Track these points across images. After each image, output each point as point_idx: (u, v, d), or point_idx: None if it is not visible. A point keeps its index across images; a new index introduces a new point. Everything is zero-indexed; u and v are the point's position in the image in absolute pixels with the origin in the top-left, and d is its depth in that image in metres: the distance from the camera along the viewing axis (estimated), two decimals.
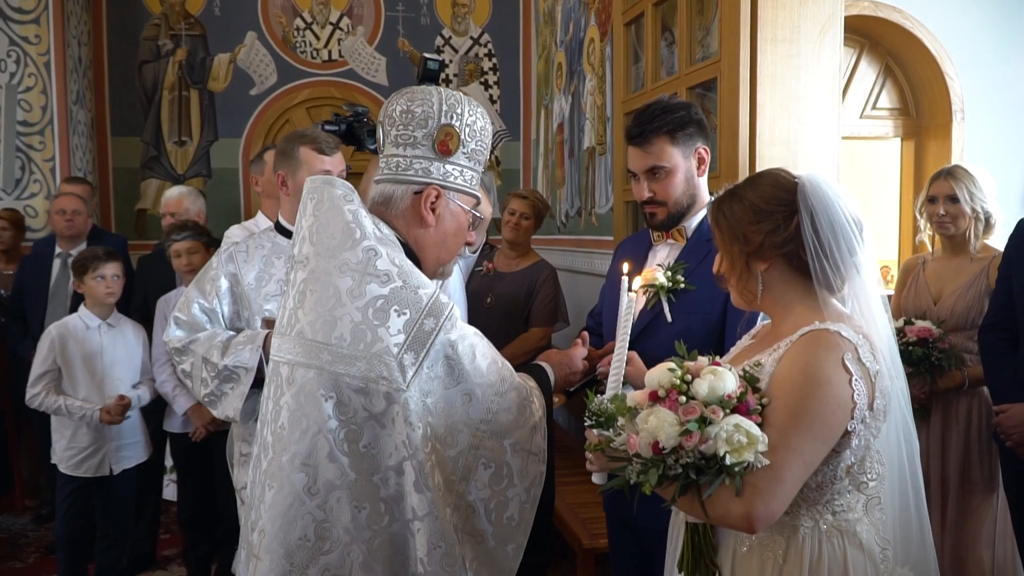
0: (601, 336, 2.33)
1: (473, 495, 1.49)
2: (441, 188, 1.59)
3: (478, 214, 1.70)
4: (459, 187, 1.61)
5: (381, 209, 1.61)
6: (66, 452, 3.32)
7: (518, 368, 1.70)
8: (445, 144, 1.57)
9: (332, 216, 1.52)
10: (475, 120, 1.60)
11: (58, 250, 4.23)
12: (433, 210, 1.59)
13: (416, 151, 1.57)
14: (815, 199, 1.47)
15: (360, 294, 1.45)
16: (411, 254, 1.60)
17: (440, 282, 1.73)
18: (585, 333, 1.97)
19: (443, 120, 1.56)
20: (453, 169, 1.59)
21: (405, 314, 1.44)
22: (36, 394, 3.27)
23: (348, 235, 1.50)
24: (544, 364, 1.78)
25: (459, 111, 1.57)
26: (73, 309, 3.91)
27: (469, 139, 1.59)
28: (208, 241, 3.48)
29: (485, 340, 1.55)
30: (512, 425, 1.52)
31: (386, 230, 1.57)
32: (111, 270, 3.33)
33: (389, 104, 1.61)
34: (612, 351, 1.95)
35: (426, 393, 1.44)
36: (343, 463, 1.44)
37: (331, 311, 1.46)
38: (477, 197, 1.67)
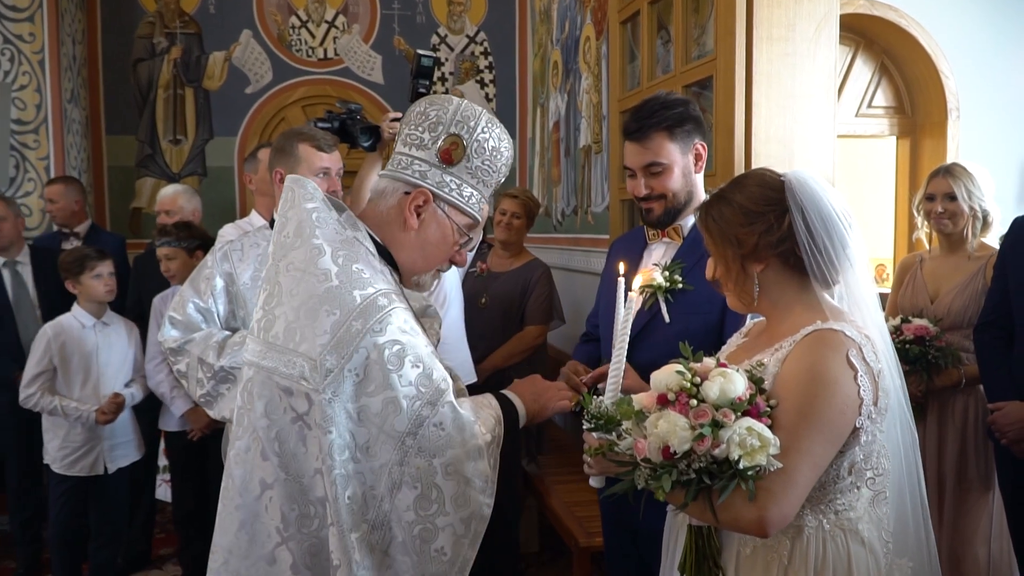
0: (598, 340, 2.32)
1: (395, 516, 1.39)
2: (432, 195, 1.55)
3: (469, 235, 1.63)
4: (452, 200, 1.56)
5: (373, 204, 1.60)
6: (60, 452, 3.31)
7: (490, 389, 1.64)
8: (448, 152, 1.54)
9: (292, 215, 1.52)
10: (487, 138, 1.56)
11: (1, 260, 3.92)
12: (418, 214, 1.56)
13: (420, 153, 1.55)
14: (804, 196, 1.47)
15: (297, 292, 1.43)
16: (390, 257, 1.58)
17: (433, 293, 1.70)
18: (575, 363, 1.97)
19: (452, 129, 1.54)
20: (451, 180, 1.55)
21: (334, 315, 1.38)
22: (31, 394, 3.26)
23: (298, 233, 1.48)
24: (510, 394, 1.62)
25: (472, 124, 1.54)
26: (44, 312, 3.82)
27: (475, 155, 1.55)
28: (192, 244, 3.45)
29: (423, 349, 1.45)
30: (444, 443, 1.40)
31: (362, 231, 1.55)
32: (107, 268, 3.34)
33: (414, 105, 1.60)
34: (591, 376, 1.97)
35: (346, 397, 1.37)
36: (274, 463, 1.42)
37: (272, 309, 1.45)
38: (474, 218, 1.61)
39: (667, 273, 2.04)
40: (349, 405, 1.38)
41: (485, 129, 1.56)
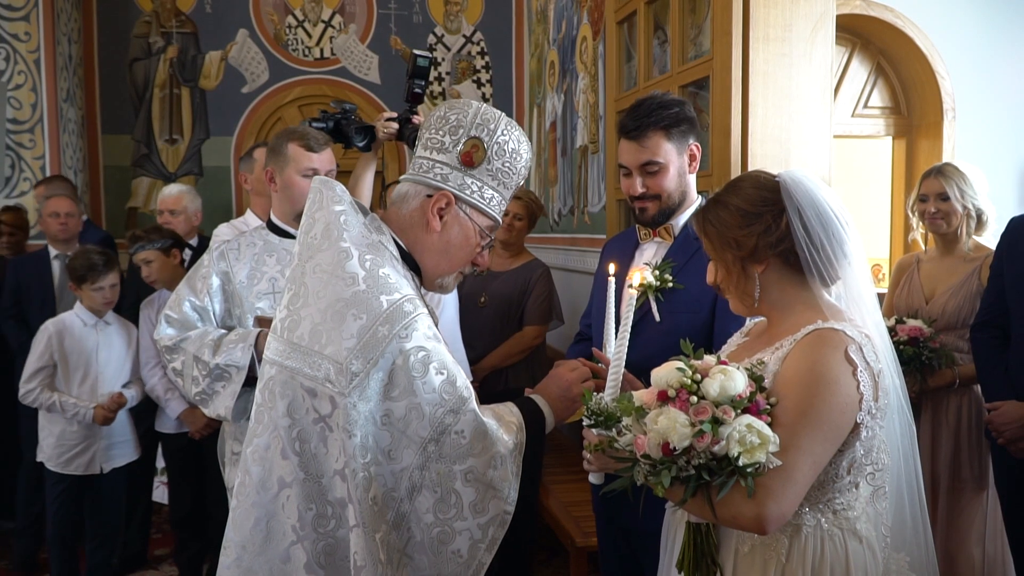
0: (591, 340, 2.32)
1: (414, 518, 1.42)
2: (454, 197, 1.56)
3: (491, 236, 1.64)
4: (474, 202, 1.57)
5: (396, 207, 1.61)
6: (55, 450, 3.31)
7: (508, 397, 1.65)
8: (469, 155, 1.55)
9: (320, 216, 1.53)
10: (507, 140, 1.57)
11: (54, 252, 4.10)
12: (440, 216, 1.57)
13: (441, 157, 1.56)
14: (799, 195, 1.48)
15: (323, 295, 1.44)
16: (412, 260, 1.60)
17: (429, 293, 1.70)
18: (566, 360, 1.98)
19: (473, 132, 1.55)
20: (472, 183, 1.57)
21: (361, 319, 1.40)
22: (31, 390, 3.26)
23: (326, 236, 1.50)
24: (537, 398, 1.63)
25: (492, 127, 1.56)
26: None
27: (496, 157, 1.57)
28: (166, 244, 3.41)
29: (447, 356, 1.47)
30: (465, 451, 1.43)
31: (386, 234, 1.56)
32: (110, 280, 3.31)
33: (434, 110, 1.62)
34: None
35: (369, 401, 1.39)
36: (294, 462, 1.44)
37: (298, 310, 1.46)
38: (495, 220, 1.62)
39: (657, 272, 2.05)
40: (374, 409, 1.40)
41: (505, 132, 1.57)
